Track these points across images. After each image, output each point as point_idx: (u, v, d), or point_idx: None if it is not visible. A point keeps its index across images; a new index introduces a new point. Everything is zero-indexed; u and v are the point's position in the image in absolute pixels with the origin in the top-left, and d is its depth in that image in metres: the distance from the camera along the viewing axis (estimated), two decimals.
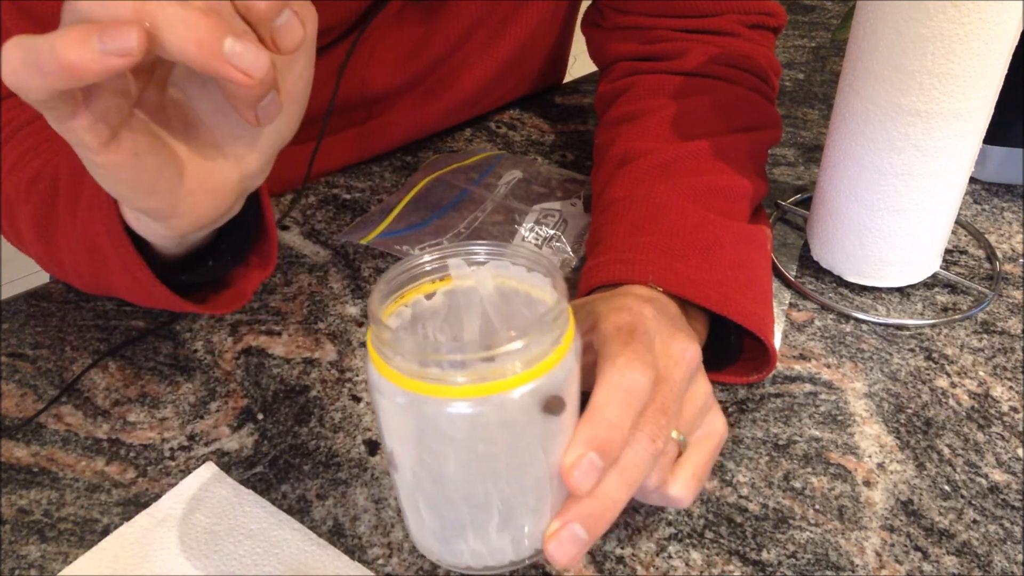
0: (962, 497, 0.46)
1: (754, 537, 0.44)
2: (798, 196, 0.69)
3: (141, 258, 0.44)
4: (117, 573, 0.43)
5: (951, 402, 0.52)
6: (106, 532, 0.45)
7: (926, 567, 0.43)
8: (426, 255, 0.35)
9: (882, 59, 0.51)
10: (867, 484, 0.47)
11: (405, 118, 0.74)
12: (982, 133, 0.54)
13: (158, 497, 0.46)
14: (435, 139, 0.79)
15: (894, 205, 0.55)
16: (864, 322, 0.57)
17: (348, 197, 0.71)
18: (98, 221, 0.44)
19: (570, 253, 0.63)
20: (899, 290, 0.60)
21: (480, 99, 0.78)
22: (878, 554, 0.44)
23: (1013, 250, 0.64)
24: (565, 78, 0.88)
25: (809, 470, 0.48)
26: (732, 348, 0.52)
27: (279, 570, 0.42)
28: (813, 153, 0.76)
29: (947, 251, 0.64)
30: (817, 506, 0.46)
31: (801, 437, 0.50)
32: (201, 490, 0.46)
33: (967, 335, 0.57)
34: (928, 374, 0.54)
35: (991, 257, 0.63)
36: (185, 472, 0.48)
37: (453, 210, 0.67)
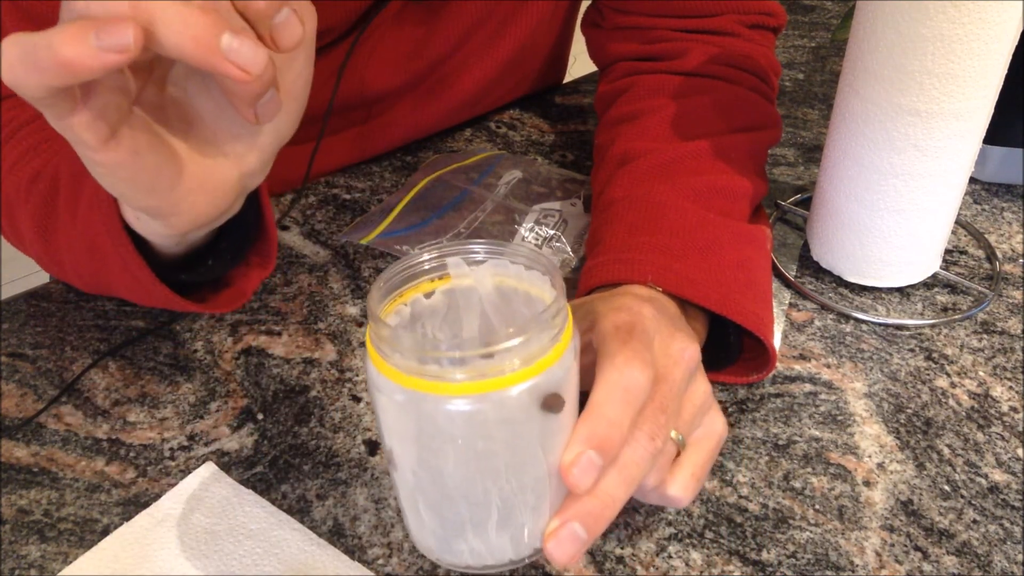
0: (962, 497, 0.46)
1: (754, 537, 0.44)
2: (798, 196, 0.69)
3: (141, 257, 0.44)
4: (117, 573, 0.43)
5: (951, 402, 0.52)
6: (106, 532, 0.45)
7: (926, 567, 0.43)
8: (425, 254, 0.35)
9: (882, 59, 0.51)
10: (867, 484, 0.47)
11: (405, 118, 0.74)
12: (982, 133, 0.54)
13: (158, 497, 0.46)
14: (435, 139, 0.79)
15: (894, 205, 0.55)
16: (864, 322, 0.57)
17: (348, 197, 0.71)
18: (98, 220, 0.44)
19: (570, 253, 0.63)
20: (899, 290, 0.60)
21: (480, 99, 0.78)
22: (878, 554, 0.44)
23: (1013, 250, 0.64)
24: (565, 78, 0.89)
25: (809, 470, 0.48)
26: (732, 348, 0.52)
27: (279, 570, 0.42)
28: (813, 153, 0.76)
29: (947, 251, 0.64)
30: (817, 506, 0.46)
31: (801, 437, 0.50)
32: (201, 490, 0.46)
33: (967, 335, 0.56)
34: (928, 374, 0.54)
35: (991, 257, 0.63)
36: (185, 472, 0.48)
37: (453, 210, 0.67)
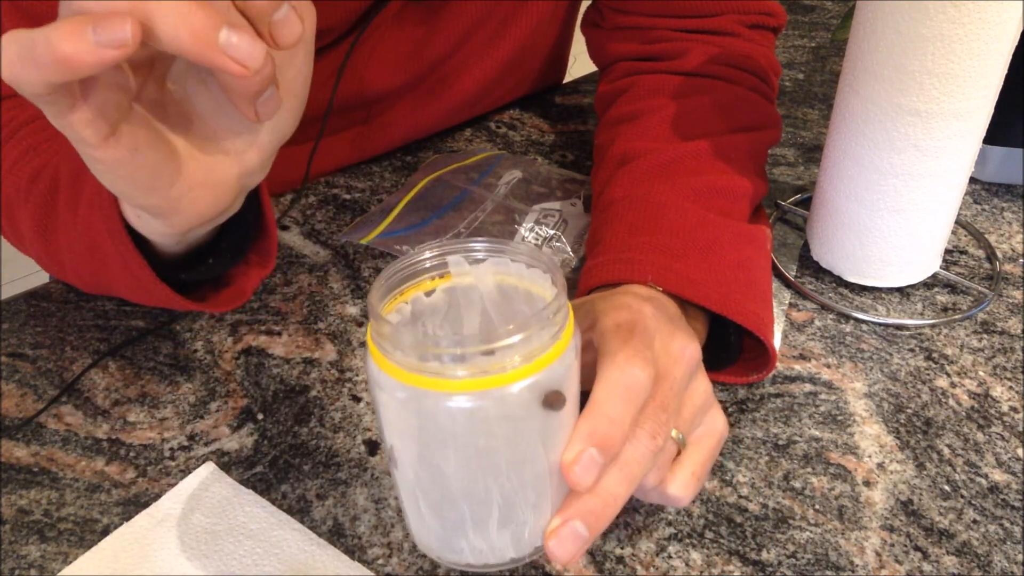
0: (962, 497, 0.46)
1: (754, 537, 0.44)
2: (798, 196, 0.69)
3: (141, 256, 0.44)
4: (117, 573, 0.43)
5: (951, 402, 0.52)
6: (106, 532, 0.45)
7: (926, 567, 0.43)
8: (426, 251, 0.35)
9: (882, 59, 0.51)
10: (867, 484, 0.47)
11: (405, 118, 0.74)
12: (982, 133, 0.54)
13: (158, 497, 0.46)
14: (435, 139, 0.79)
15: (894, 205, 0.55)
16: (864, 322, 0.57)
17: (348, 197, 0.71)
18: (99, 219, 0.44)
19: (570, 253, 0.63)
20: (899, 290, 0.60)
21: (480, 99, 0.78)
22: (878, 554, 0.44)
23: (1013, 250, 0.64)
24: (565, 78, 0.89)
25: (809, 470, 0.48)
26: (732, 348, 0.52)
27: (279, 570, 0.42)
28: (813, 153, 0.76)
29: (947, 251, 0.64)
30: (817, 506, 0.46)
31: (801, 437, 0.50)
32: (201, 490, 0.46)
33: (967, 335, 0.56)
34: (928, 374, 0.54)
35: (991, 257, 0.63)
36: (185, 472, 0.48)
37: (453, 210, 0.67)
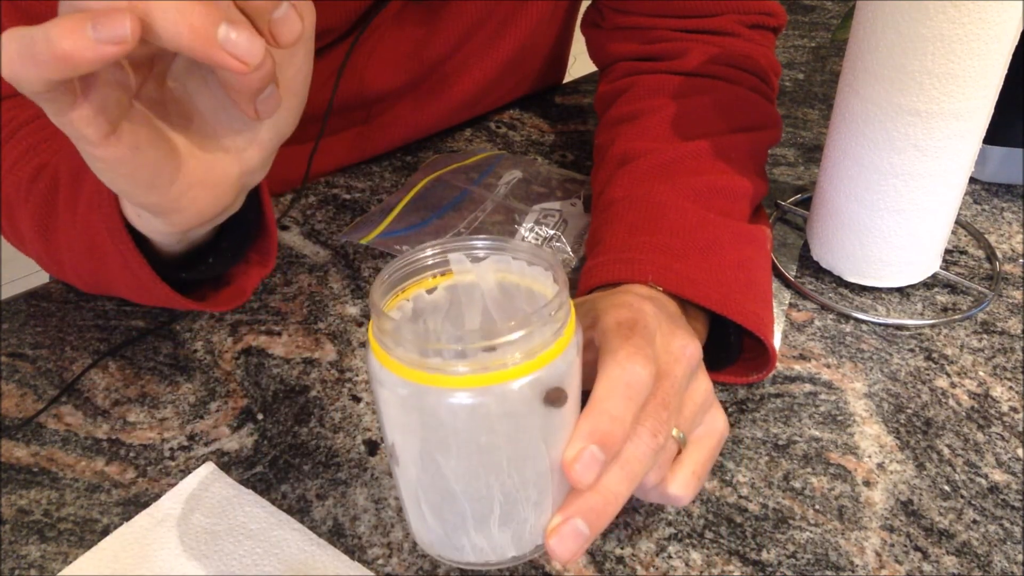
0: (962, 497, 0.46)
1: (754, 537, 0.44)
2: (798, 196, 0.69)
3: (142, 255, 0.44)
4: (117, 573, 0.43)
5: (951, 402, 0.52)
6: (106, 532, 0.45)
7: (926, 567, 0.43)
8: (428, 249, 0.35)
9: (882, 59, 0.51)
10: (867, 484, 0.47)
11: (405, 118, 0.74)
12: (982, 133, 0.54)
13: (158, 497, 0.46)
14: (435, 139, 0.79)
15: (894, 205, 0.55)
16: (864, 322, 0.57)
17: (348, 197, 0.71)
18: (99, 219, 0.44)
19: (570, 253, 0.63)
20: (899, 290, 0.60)
21: (480, 99, 0.78)
22: (878, 554, 0.44)
23: (1013, 250, 0.64)
24: (565, 78, 0.89)
25: (809, 470, 0.48)
26: (732, 348, 0.52)
27: (279, 570, 0.42)
28: (813, 153, 0.76)
29: (947, 251, 0.64)
30: (817, 506, 0.46)
31: (801, 437, 0.50)
32: (201, 490, 0.46)
33: (967, 335, 0.57)
34: (928, 374, 0.54)
35: (991, 257, 0.63)
36: (185, 472, 0.48)
37: (453, 210, 0.67)
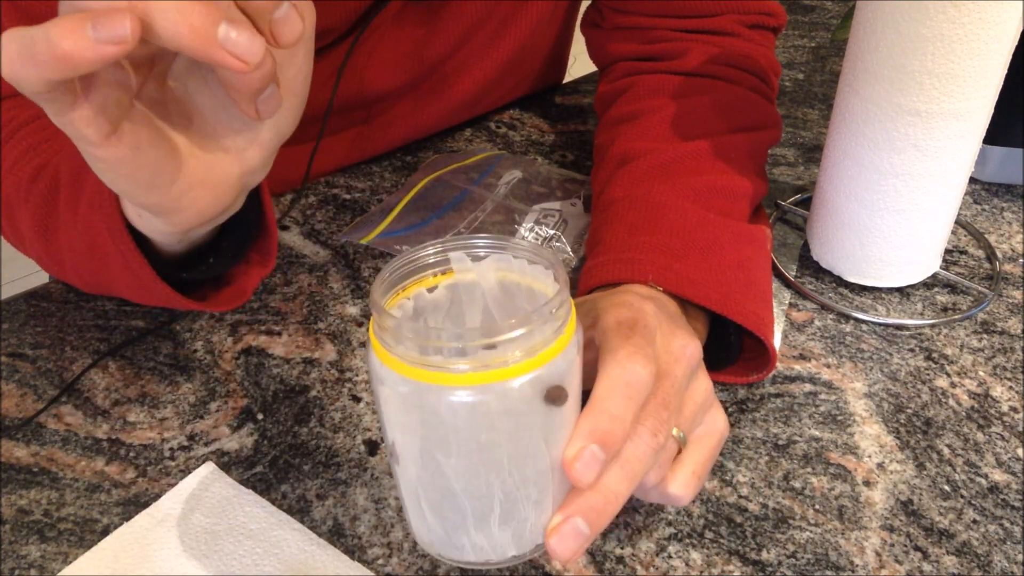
0: (962, 497, 0.46)
1: (754, 537, 0.44)
2: (798, 196, 0.69)
3: (142, 255, 0.44)
4: (117, 573, 0.43)
5: (951, 402, 0.52)
6: (106, 532, 0.45)
7: (926, 567, 0.43)
8: (429, 248, 0.35)
9: (882, 59, 0.51)
10: (867, 484, 0.47)
11: (405, 118, 0.74)
12: (982, 133, 0.54)
13: (158, 497, 0.46)
14: (435, 139, 0.79)
15: (894, 205, 0.55)
16: (864, 322, 0.57)
17: (348, 197, 0.71)
18: (99, 219, 0.44)
19: (570, 253, 0.63)
20: (899, 290, 0.60)
21: (480, 99, 0.78)
22: (878, 554, 0.44)
23: (1013, 250, 0.64)
24: (565, 78, 0.89)
25: (809, 470, 0.48)
26: (732, 348, 0.52)
27: (279, 570, 0.42)
28: (813, 153, 0.76)
29: (947, 251, 0.64)
30: (817, 506, 0.46)
31: (801, 437, 0.50)
32: (201, 490, 0.46)
33: (967, 335, 0.57)
34: (928, 374, 0.54)
35: (991, 257, 0.63)
36: (185, 472, 0.48)
37: (453, 210, 0.67)
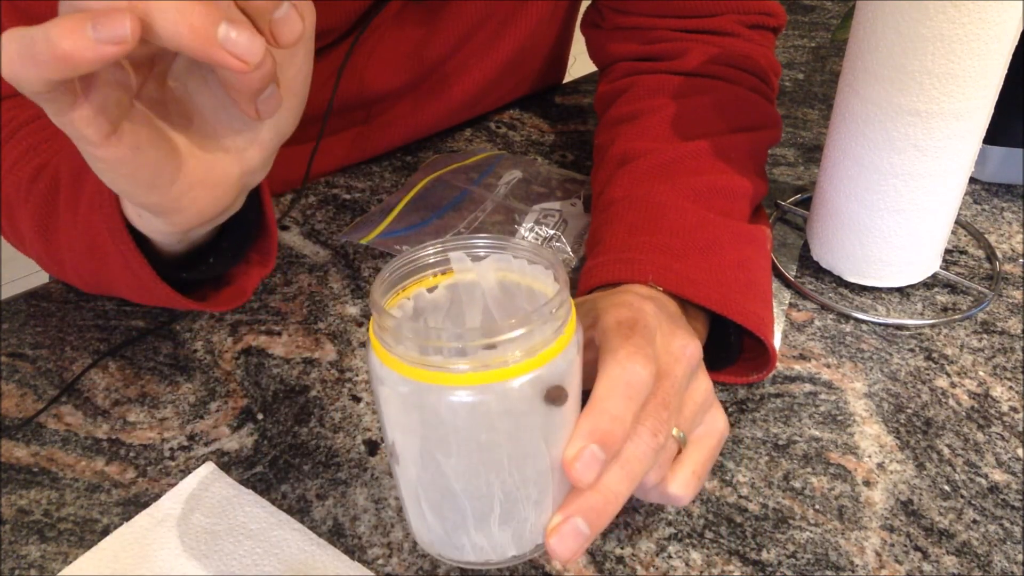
0: (962, 497, 0.46)
1: (754, 537, 0.44)
2: (798, 196, 0.69)
3: (142, 255, 0.44)
4: (117, 573, 0.43)
5: (951, 402, 0.52)
6: (106, 532, 0.45)
7: (926, 567, 0.43)
8: (429, 248, 0.35)
9: (882, 59, 0.51)
10: (867, 484, 0.47)
11: (405, 118, 0.74)
12: (982, 133, 0.54)
13: (158, 497, 0.46)
14: (435, 139, 0.79)
15: (894, 205, 0.55)
16: (864, 322, 0.57)
17: (348, 197, 0.71)
18: (99, 219, 0.44)
19: (570, 253, 0.63)
20: (899, 290, 0.60)
21: (480, 99, 0.78)
22: (878, 554, 0.44)
23: (1013, 250, 0.64)
24: (565, 78, 0.89)
25: (809, 470, 0.48)
26: (732, 348, 0.52)
27: (279, 570, 0.42)
28: (813, 153, 0.76)
29: (947, 251, 0.64)
30: (817, 506, 0.46)
31: (801, 437, 0.50)
32: (201, 490, 0.46)
33: (967, 335, 0.57)
34: (928, 374, 0.54)
35: (991, 257, 0.63)
36: (185, 472, 0.48)
37: (453, 210, 0.67)
